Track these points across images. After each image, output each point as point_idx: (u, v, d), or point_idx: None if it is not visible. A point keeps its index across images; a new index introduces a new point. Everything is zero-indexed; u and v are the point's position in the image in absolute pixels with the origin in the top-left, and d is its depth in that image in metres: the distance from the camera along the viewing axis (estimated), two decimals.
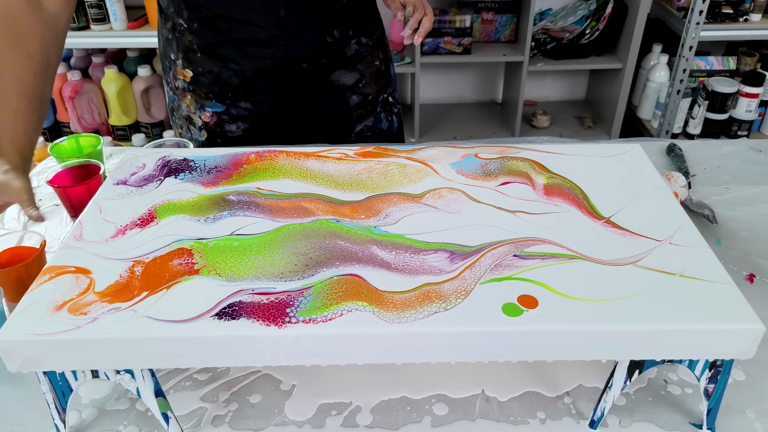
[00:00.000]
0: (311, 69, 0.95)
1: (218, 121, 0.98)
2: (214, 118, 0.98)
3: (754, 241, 0.79)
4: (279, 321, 0.50)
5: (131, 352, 0.50)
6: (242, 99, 0.96)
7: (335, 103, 1.00)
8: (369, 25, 1.00)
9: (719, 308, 0.51)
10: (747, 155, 0.98)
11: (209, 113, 0.97)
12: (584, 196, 0.65)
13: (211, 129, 0.99)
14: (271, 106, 0.97)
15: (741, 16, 1.94)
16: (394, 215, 0.63)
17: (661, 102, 2.07)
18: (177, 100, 1.01)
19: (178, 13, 0.91)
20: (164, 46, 0.98)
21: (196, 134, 1.01)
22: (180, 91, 0.99)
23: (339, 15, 0.93)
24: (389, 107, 1.08)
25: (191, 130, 1.01)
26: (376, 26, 1.02)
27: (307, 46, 0.92)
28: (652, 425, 0.57)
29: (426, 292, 0.53)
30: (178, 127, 1.04)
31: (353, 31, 0.96)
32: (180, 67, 0.96)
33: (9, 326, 0.50)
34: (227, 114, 0.97)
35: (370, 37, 1.00)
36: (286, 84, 0.95)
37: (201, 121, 0.99)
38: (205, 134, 1.00)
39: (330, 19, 0.92)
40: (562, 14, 2.16)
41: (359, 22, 0.97)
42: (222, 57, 0.92)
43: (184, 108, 1.00)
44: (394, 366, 0.62)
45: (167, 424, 0.55)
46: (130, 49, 2.03)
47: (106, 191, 0.67)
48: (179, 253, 0.57)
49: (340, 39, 0.95)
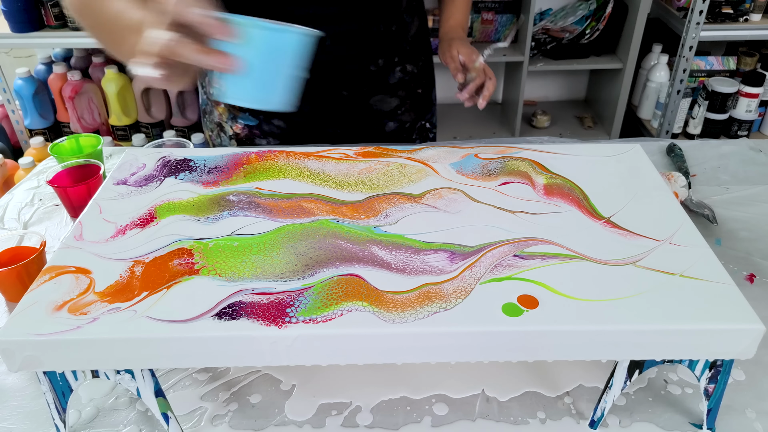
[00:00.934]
0: (351, 96, 0.93)
1: (249, 134, 0.97)
2: (246, 131, 0.97)
3: (754, 241, 0.79)
4: (279, 321, 0.50)
5: (131, 352, 0.50)
6: (276, 116, 0.95)
7: (370, 128, 0.98)
8: (417, 52, 0.98)
9: (719, 308, 0.51)
10: (747, 155, 0.98)
11: (241, 125, 0.96)
12: (584, 196, 0.65)
13: (241, 140, 0.98)
14: (304, 126, 0.96)
15: (741, 16, 1.94)
16: (394, 215, 0.63)
17: (661, 102, 2.07)
18: (210, 106, 0.99)
19: None
20: None
21: (226, 141, 1.00)
22: (214, 98, 0.98)
23: (386, 44, 0.92)
24: (425, 133, 1.06)
25: (221, 137, 1.00)
26: (424, 52, 1.00)
27: (349, 74, 0.91)
28: (652, 425, 0.57)
29: (426, 292, 0.53)
30: (209, 129, 1.03)
31: (399, 58, 0.95)
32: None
33: (9, 326, 0.50)
34: (259, 129, 0.96)
35: (416, 64, 0.98)
36: (323, 107, 0.94)
37: (232, 131, 0.98)
38: (234, 144, 0.99)
39: (376, 49, 0.91)
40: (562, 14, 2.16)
41: (407, 49, 0.95)
42: None
43: (216, 115, 0.99)
44: (394, 366, 0.62)
45: (167, 424, 0.55)
46: None
47: (106, 191, 0.67)
48: (179, 253, 0.57)
49: (384, 67, 0.93)
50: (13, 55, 2.25)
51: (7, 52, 2.23)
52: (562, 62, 2.16)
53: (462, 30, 0.97)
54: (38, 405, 0.59)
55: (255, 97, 0.56)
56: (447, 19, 0.98)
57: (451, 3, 0.99)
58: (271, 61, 0.55)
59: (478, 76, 0.89)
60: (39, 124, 2.03)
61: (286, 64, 0.55)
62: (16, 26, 1.84)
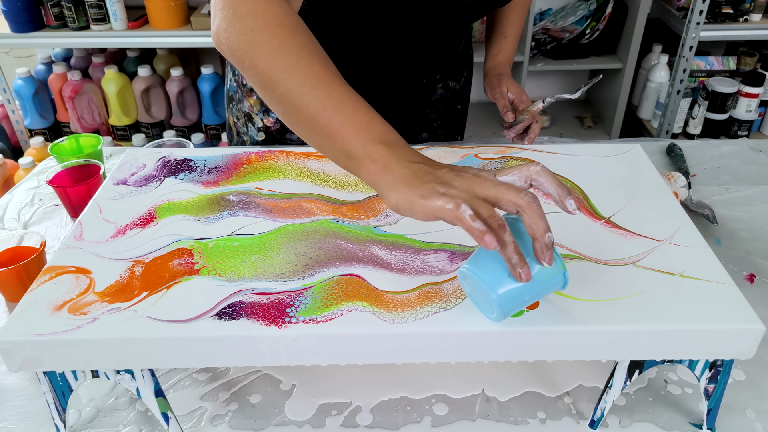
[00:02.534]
0: (391, 110, 0.92)
1: (281, 128, 0.96)
2: (277, 125, 0.96)
3: (754, 241, 0.79)
4: (279, 321, 0.50)
5: (131, 352, 0.50)
6: None
7: (405, 136, 0.98)
8: (460, 69, 0.97)
9: (719, 308, 0.51)
10: (747, 155, 0.98)
11: (273, 119, 0.95)
12: (584, 196, 0.65)
13: (270, 133, 0.97)
14: None
15: (741, 16, 1.94)
16: (394, 215, 0.63)
17: (661, 102, 2.07)
18: (240, 94, 0.98)
19: None
20: None
21: (253, 132, 0.99)
22: (246, 89, 0.96)
23: (432, 64, 0.91)
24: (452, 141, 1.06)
25: (248, 127, 0.99)
26: (467, 68, 1.00)
27: (393, 92, 0.91)
28: (652, 425, 0.57)
29: (426, 292, 0.53)
30: (234, 117, 1.01)
31: (441, 75, 0.94)
32: None
33: (9, 326, 0.50)
34: None
35: (458, 80, 0.98)
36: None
37: (262, 124, 0.96)
38: (263, 136, 0.98)
39: (423, 69, 0.91)
40: (562, 14, 2.16)
41: (450, 66, 0.95)
42: None
43: (247, 106, 0.97)
44: (394, 366, 0.62)
45: (167, 424, 0.55)
46: (130, 49, 2.03)
47: (106, 191, 0.67)
48: (179, 253, 0.57)
49: (427, 84, 0.93)
50: (13, 55, 2.25)
51: (7, 52, 2.23)
52: (562, 62, 2.16)
53: (509, 66, 0.97)
54: (38, 405, 0.59)
55: (488, 301, 0.48)
56: (496, 53, 0.97)
57: (503, 38, 0.97)
58: (534, 287, 0.47)
59: (528, 119, 0.89)
60: (39, 124, 2.03)
61: (536, 294, 0.48)
62: (16, 26, 1.84)
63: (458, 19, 0.83)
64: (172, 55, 2.06)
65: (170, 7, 1.83)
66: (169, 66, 2.01)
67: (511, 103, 0.91)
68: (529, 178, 0.49)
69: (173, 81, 1.98)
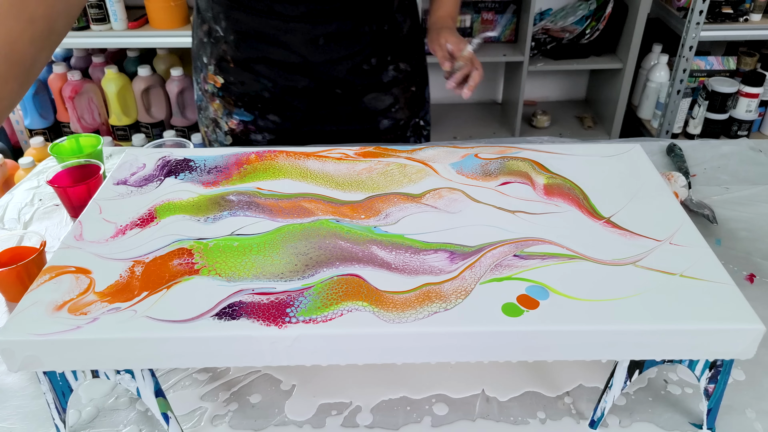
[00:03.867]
0: (344, 94, 0.94)
1: (245, 129, 0.97)
2: (241, 126, 0.97)
3: (754, 241, 0.79)
4: (279, 321, 0.50)
5: (131, 352, 0.50)
6: (271, 112, 0.95)
7: (365, 126, 0.99)
8: (410, 50, 0.98)
9: (719, 308, 0.51)
10: (747, 155, 0.98)
11: (236, 121, 0.97)
12: (584, 196, 0.65)
13: (236, 135, 0.98)
14: (299, 123, 0.96)
15: (741, 16, 1.94)
16: (394, 215, 0.63)
17: (661, 102, 2.07)
18: (205, 102, 1.00)
19: (215, 20, 0.90)
20: (197, 47, 0.97)
21: (222, 137, 1.00)
22: (209, 94, 0.98)
23: (379, 44, 0.92)
24: (419, 130, 1.06)
25: (217, 133, 1.01)
26: (417, 50, 1.00)
27: (342, 73, 0.92)
28: (652, 425, 0.57)
29: (426, 292, 0.53)
30: (204, 126, 1.03)
31: (392, 57, 0.95)
32: (211, 72, 0.95)
33: (9, 326, 0.50)
34: (254, 124, 0.97)
35: (409, 62, 0.98)
36: (317, 104, 0.94)
37: (227, 127, 0.98)
38: (230, 139, 0.99)
39: (369, 48, 0.91)
40: (562, 14, 2.16)
41: (399, 48, 0.96)
42: (255, 72, 0.92)
43: (212, 111, 0.99)
44: (394, 366, 0.62)
45: (167, 424, 0.55)
46: (130, 49, 2.03)
47: (106, 191, 0.67)
48: (179, 253, 0.57)
49: (377, 66, 0.94)
50: None
51: None
52: (562, 62, 2.16)
53: (451, 20, 0.97)
54: (38, 405, 0.59)
55: None
56: (436, 9, 0.99)
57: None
58: None
59: (465, 66, 0.90)
60: (39, 124, 2.03)
61: None
62: None
63: None
64: (172, 55, 2.07)
65: (170, 7, 1.83)
66: (169, 66, 2.01)
67: (451, 54, 0.92)
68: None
69: (173, 81, 1.98)
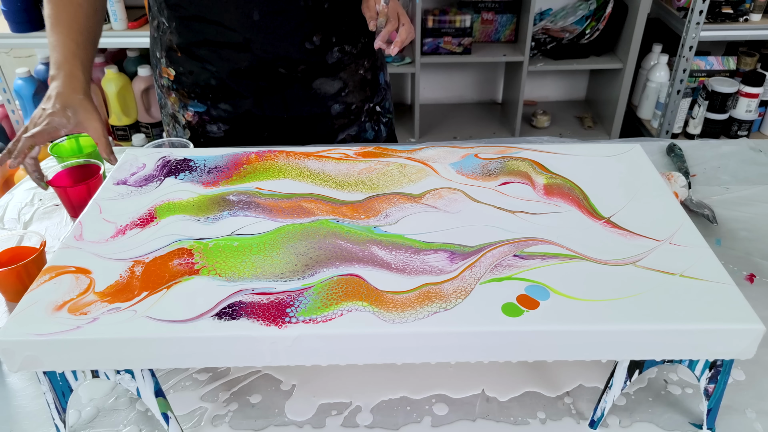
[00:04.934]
0: (289, 75, 0.94)
1: (200, 120, 0.98)
2: (196, 118, 0.98)
3: (754, 241, 0.79)
4: (279, 321, 0.50)
5: (131, 352, 0.50)
6: (221, 100, 0.96)
7: (316, 111, 0.99)
8: (354, 33, 0.97)
9: (719, 308, 0.51)
10: (747, 155, 0.98)
11: (191, 113, 0.98)
12: (584, 196, 0.65)
13: (193, 128, 0.99)
14: (251, 110, 0.97)
15: (741, 16, 1.94)
16: (394, 215, 0.63)
17: (661, 102, 2.07)
18: (164, 98, 1.01)
19: (160, 12, 0.92)
20: (152, 43, 0.99)
21: (180, 132, 1.01)
22: (165, 89, 0.99)
23: (319, 21, 0.91)
24: (376, 116, 1.05)
25: (176, 128, 1.02)
26: (363, 33, 0.99)
27: (283, 51, 0.91)
28: (652, 425, 0.57)
29: (426, 292, 0.53)
30: (165, 123, 1.05)
31: (336, 38, 0.94)
32: (164, 65, 0.96)
33: (9, 326, 0.50)
34: (208, 114, 0.98)
35: (354, 45, 0.98)
36: (264, 88, 0.95)
37: (184, 120, 0.99)
38: (188, 132, 1.00)
39: (309, 25, 0.91)
40: (562, 14, 2.16)
41: (343, 29, 0.95)
42: (199, 57, 0.93)
43: (170, 106, 1.00)
44: (394, 366, 0.62)
45: (167, 424, 0.55)
46: (130, 49, 2.03)
47: (106, 191, 0.67)
48: (179, 253, 0.57)
49: (321, 46, 0.93)
50: (13, 55, 2.25)
51: (7, 52, 2.23)
52: (562, 62, 2.16)
53: None
54: (38, 405, 0.59)
55: None
56: None
57: None
58: None
59: (390, 22, 0.87)
60: None
61: None
62: (16, 26, 1.84)
63: None
64: None
65: None
66: None
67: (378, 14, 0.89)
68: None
69: None
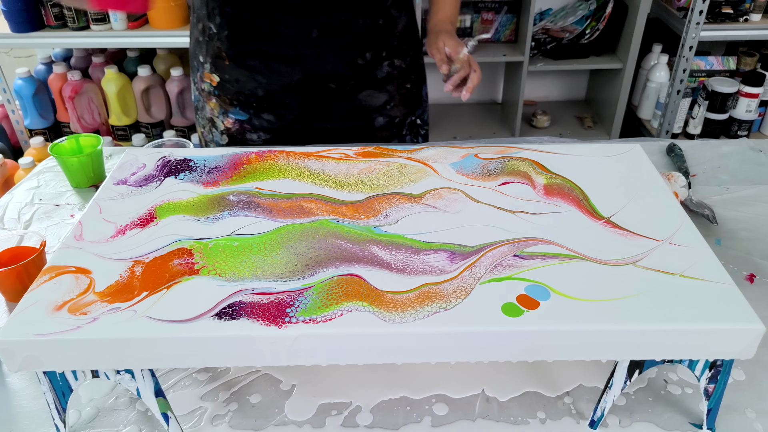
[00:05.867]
0: (338, 89, 0.94)
1: (240, 128, 0.98)
2: (237, 125, 0.97)
3: (754, 241, 0.79)
4: (279, 321, 0.50)
5: (131, 352, 0.50)
6: (266, 111, 0.95)
7: (359, 122, 0.99)
8: (405, 47, 0.98)
9: (719, 308, 0.51)
10: (747, 155, 0.98)
11: (232, 120, 0.97)
12: (584, 196, 0.65)
13: (232, 135, 0.99)
14: (294, 121, 0.96)
15: (741, 16, 1.94)
16: (394, 215, 0.63)
17: (661, 102, 2.07)
18: (202, 101, 1.00)
19: (209, 17, 0.91)
20: (194, 46, 0.97)
21: (218, 137, 1.00)
22: (205, 93, 0.98)
23: (373, 38, 0.92)
24: (416, 129, 1.06)
25: (213, 133, 1.01)
26: (413, 47, 1.00)
27: (336, 68, 0.91)
28: (652, 425, 0.57)
29: (426, 292, 0.53)
30: (201, 126, 1.04)
31: (387, 53, 0.95)
32: (207, 71, 0.95)
33: (9, 326, 0.50)
34: (249, 123, 0.97)
35: (404, 59, 0.98)
36: (312, 101, 0.94)
37: (223, 126, 0.98)
38: (226, 139, 0.99)
39: (363, 42, 0.91)
40: (562, 14, 2.16)
41: (394, 44, 0.96)
42: (250, 68, 0.92)
43: (208, 110, 0.99)
44: (394, 366, 0.62)
45: (167, 424, 0.55)
46: (130, 49, 2.03)
47: (106, 191, 0.67)
48: (179, 253, 0.57)
49: (372, 61, 0.94)
50: (13, 55, 2.25)
51: (7, 52, 2.23)
52: (562, 62, 2.16)
53: (450, 23, 0.98)
54: (38, 405, 0.59)
55: None
56: (435, 12, 0.99)
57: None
58: None
59: (463, 68, 0.90)
60: (39, 124, 2.03)
61: None
62: (16, 26, 1.84)
63: None
64: (172, 55, 2.06)
65: (170, 7, 1.83)
66: (169, 66, 2.01)
67: (449, 57, 0.92)
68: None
69: (173, 81, 1.98)
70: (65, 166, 0.91)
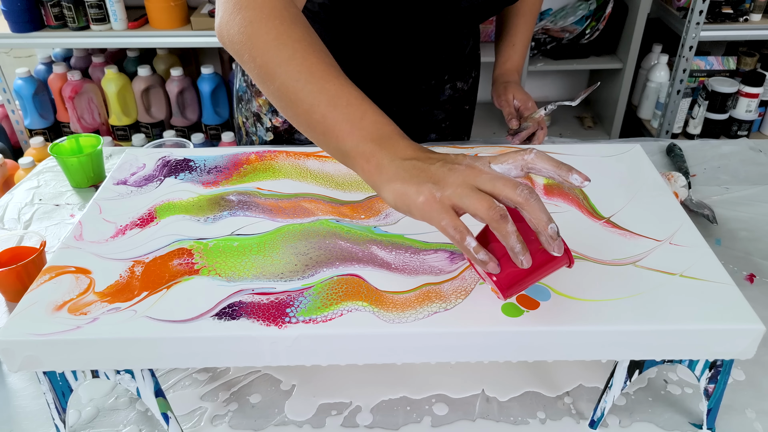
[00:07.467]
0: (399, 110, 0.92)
1: (290, 128, 0.96)
2: (286, 125, 0.95)
3: (754, 241, 0.79)
4: (279, 321, 0.50)
5: (131, 352, 0.50)
6: None
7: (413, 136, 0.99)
8: (467, 70, 0.98)
9: (719, 308, 0.51)
10: (747, 155, 0.98)
11: (282, 119, 0.95)
12: (584, 196, 0.65)
13: (279, 133, 0.97)
14: None
15: (741, 16, 1.94)
16: (394, 215, 0.63)
17: (661, 102, 2.07)
18: (249, 94, 0.98)
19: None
20: None
21: (262, 132, 0.98)
22: (254, 89, 0.96)
23: (441, 65, 0.92)
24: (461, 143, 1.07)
25: (257, 127, 0.99)
26: (474, 68, 1.00)
27: (402, 93, 0.91)
28: (652, 425, 0.57)
29: (426, 292, 0.53)
30: (243, 116, 1.01)
31: (449, 76, 0.95)
32: None
33: (9, 326, 0.50)
34: None
35: (466, 81, 0.98)
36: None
37: (271, 124, 0.96)
38: (271, 135, 0.98)
39: (431, 69, 0.91)
40: (562, 14, 2.16)
41: (459, 67, 0.95)
42: None
43: (256, 106, 0.97)
44: (394, 366, 0.62)
45: (167, 424, 0.55)
46: (130, 49, 2.03)
47: (106, 191, 0.67)
48: (179, 253, 0.57)
49: (436, 85, 0.93)
50: (13, 55, 2.25)
51: (7, 52, 2.23)
52: (562, 62, 2.16)
53: (517, 74, 0.97)
54: (38, 405, 0.59)
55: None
56: (504, 61, 0.98)
57: (511, 46, 0.98)
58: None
59: (532, 126, 0.89)
60: (39, 124, 2.03)
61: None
62: (16, 26, 1.84)
63: (467, 19, 0.83)
64: (172, 55, 2.06)
65: (170, 7, 1.83)
66: (169, 66, 2.01)
67: (517, 110, 0.91)
68: (525, 167, 0.48)
69: (173, 81, 1.98)
70: (65, 166, 0.91)
